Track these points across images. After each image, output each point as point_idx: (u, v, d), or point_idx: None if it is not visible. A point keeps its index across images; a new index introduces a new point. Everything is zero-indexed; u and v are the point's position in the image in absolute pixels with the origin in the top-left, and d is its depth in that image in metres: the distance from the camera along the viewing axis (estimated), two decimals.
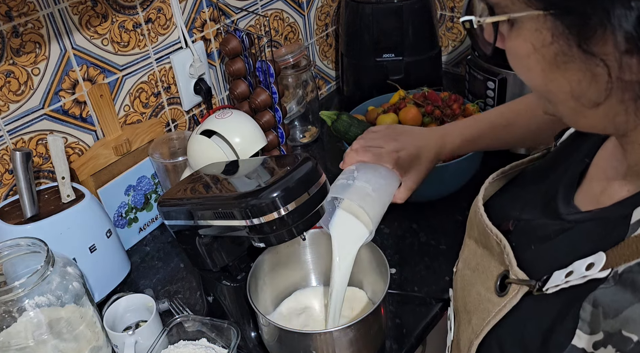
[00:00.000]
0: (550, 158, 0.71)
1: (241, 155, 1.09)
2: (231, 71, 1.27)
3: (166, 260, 1.22)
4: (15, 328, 0.87)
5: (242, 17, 1.39)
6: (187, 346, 0.95)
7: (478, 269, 0.67)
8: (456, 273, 0.75)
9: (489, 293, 0.63)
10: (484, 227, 0.66)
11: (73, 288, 0.91)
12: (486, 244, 0.66)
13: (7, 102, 1.03)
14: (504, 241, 0.62)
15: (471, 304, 0.66)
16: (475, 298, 0.65)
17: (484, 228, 0.66)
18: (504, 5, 0.50)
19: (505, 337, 0.60)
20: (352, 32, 1.51)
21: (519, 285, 0.58)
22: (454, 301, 0.74)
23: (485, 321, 0.62)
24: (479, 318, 0.63)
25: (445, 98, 1.35)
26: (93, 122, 1.17)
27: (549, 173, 0.67)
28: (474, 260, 0.69)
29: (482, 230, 0.66)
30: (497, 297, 0.61)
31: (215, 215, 0.84)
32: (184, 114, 1.35)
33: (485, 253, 0.67)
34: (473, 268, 0.68)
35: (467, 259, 0.71)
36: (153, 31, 1.22)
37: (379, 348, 0.96)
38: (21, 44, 1.02)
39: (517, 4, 0.48)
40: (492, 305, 0.61)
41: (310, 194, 0.81)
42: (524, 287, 0.58)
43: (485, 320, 0.62)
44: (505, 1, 0.49)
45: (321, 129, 1.55)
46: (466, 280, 0.69)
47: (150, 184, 1.26)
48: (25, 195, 0.98)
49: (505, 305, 0.59)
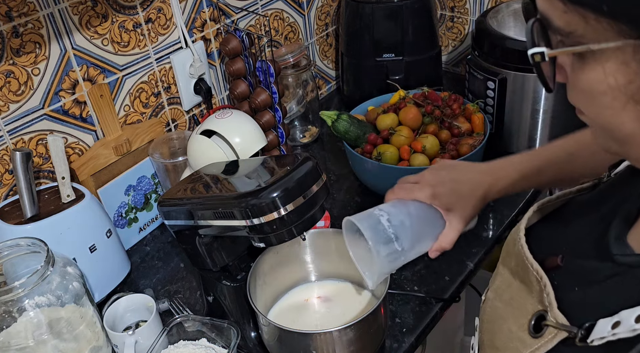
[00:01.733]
0: (603, 190, 0.64)
1: (241, 155, 1.09)
2: (231, 70, 1.27)
3: (166, 259, 1.22)
4: (15, 328, 0.87)
5: (242, 17, 1.39)
6: (187, 346, 0.95)
7: (512, 304, 0.62)
8: (485, 302, 0.70)
9: (521, 332, 0.57)
10: (523, 260, 0.60)
11: (73, 288, 0.91)
12: (524, 278, 0.60)
13: (7, 103, 1.03)
14: (545, 279, 0.56)
15: (500, 341, 0.61)
16: (505, 334, 0.60)
17: (523, 260, 0.60)
18: (580, 34, 0.42)
19: None
20: (352, 31, 1.51)
21: (556, 329, 0.53)
22: (480, 333, 0.69)
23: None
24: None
25: (445, 98, 1.35)
26: (93, 122, 1.17)
27: (602, 207, 0.60)
28: (507, 293, 0.63)
29: (522, 262, 0.60)
30: (531, 338, 0.56)
31: (215, 215, 0.84)
32: (184, 114, 1.35)
33: (521, 288, 0.61)
34: (506, 302, 0.63)
35: (500, 290, 0.65)
36: (153, 31, 1.22)
37: (379, 348, 0.96)
38: (21, 44, 1.02)
39: (600, 32, 0.41)
40: (524, 346, 0.56)
41: (310, 194, 0.81)
42: (563, 333, 0.52)
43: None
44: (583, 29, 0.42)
45: (321, 129, 1.55)
46: (497, 313, 0.64)
47: (150, 184, 1.26)
48: (25, 195, 0.98)
49: (539, 348, 0.54)
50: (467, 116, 1.32)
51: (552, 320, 0.54)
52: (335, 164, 1.43)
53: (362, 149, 1.27)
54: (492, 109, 1.35)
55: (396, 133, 1.27)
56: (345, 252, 0.96)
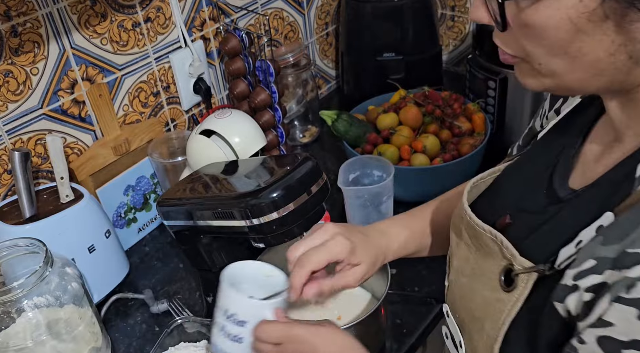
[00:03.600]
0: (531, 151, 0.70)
1: (241, 155, 1.08)
2: (231, 70, 1.27)
3: (165, 260, 1.21)
4: (14, 329, 0.87)
5: (242, 16, 1.39)
6: (188, 348, 0.94)
7: (476, 274, 0.64)
8: (449, 287, 0.72)
9: (495, 293, 0.60)
10: (474, 227, 0.64)
11: (72, 288, 0.91)
12: (480, 246, 0.63)
13: (5, 102, 1.03)
14: (500, 236, 0.60)
15: (479, 310, 0.63)
16: (481, 302, 0.63)
17: (474, 228, 0.64)
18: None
19: (524, 330, 0.57)
20: (353, 31, 1.50)
21: (526, 274, 0.56)
22: (455, 314, 0.70)
23: (500, 321, 0.59)
24: (492, 320, 0.60)
25: (446, 97, 1.35)
26: (92, 122, 1.17)
27: (540, 164, 0.65)
28: (468, 267, 0.66)
29: (473, 231, 0.64)
30: (507, 294, 0.58)
31: (215, 215, 0.84)
32: (183, 114, 1.35)
33: (479, 256, 0.64)
34: (470, 275, 0.65)
35: (460, 268, 0.68)
36: (152, 30, 1.21)
37: (379, 348, 0.95)
38: (20, 43, 1.01)
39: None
40: (503, 303, 0.59)
41: (310, 194, 0.80)
42: (533, 274, 0.56)
43: (500, 320, 0.59)
44: None
45: (321, 129, 1.54)
46: (466, 288, 0.66)
47: (149, 184, 1.25)
48: (24, 195, 0.98)
49: (518, 298, 0.57)
50: (467, 115, 1.31)
51: (519, 267, 0.57)
52: (335, 164, 1.43)
53: (362, 149, 1.27)
54: (492, 108, 1.35)
55: (396, 133, 1.26)
56: None
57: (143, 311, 1.10)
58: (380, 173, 1.13)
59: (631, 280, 0.45)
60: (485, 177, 0.72)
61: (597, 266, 0.49)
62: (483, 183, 0.72)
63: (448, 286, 0.72)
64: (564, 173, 0.61)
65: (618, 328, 0.46)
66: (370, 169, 1.14)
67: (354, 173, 1.14)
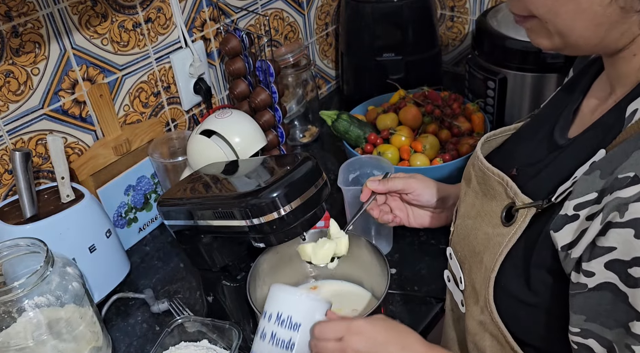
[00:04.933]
0: (539, 115, 0.76)
1: (241, 155, 1.09)
2: (231, 70, 1.27)
3: (166, 259, 1.22)
4: (15, 329, 0.87)
5: (242, 16, 1.39)
6: (188, 347, 0.95)
7: (481, 214, 0.69)
8: (454, 231, 0.77)
9: (497, 229, 0.65)
10: (484, 171, 0.69)
11: (72, 288, 0.91)
12: (487, 190, 0.69)
13: (6, 102, 1.03)
14: (506, 178, 0.66)
15: (480, 245, 0.68)
16: (482, 238, 0.67)
17: (484, 172, 0.69)
18: None
19: (518, 261, 0.62)
20: (352, 31, 1.51)
21: (526, 208, 0.61)
22: (457, 254, 0.75)
23: (498, 252, 0.64)
24: (491, 253, 0.65)
25: (446, 97, 1.35)
26: (93, 122, 1.17)
27: (542, 124, 0.72)
28: (474, 210, 0.71)
29: (482, 175, 0.70)
30: (506, 228, 0.63)
31: (215, 215, 0.84)
32: (184, 114, 1.35)
33: (486, 199, 0.69)
34: (474, 217, 0.71)
35: (466, 211, 0.73)
36: (153, 31, 1.22)
37: None
38: (21, 44, 1.02)
39: None
40: (502, 236, 0.64)
41: (310, 194, 0.81)
42: (532, 210, 0.61)
43: (497, 252, 0.64)
44: None
45: (321, 129, 1.55)
46: (469, 227, 0.71)
47: (149, 184, 1.26)
48: (25, 195, 0.98)
49: (516, 231, 0.62)
50: (467, 115, 1.31)
51: (520, 203, 0.63)
52: (335, 164, 1.43)
53: (362, 149, 1.27)
54: (492, 108, 1.35)
55: (396, 133, 1.27)
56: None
57: (144, 310, 1.10)
58: (380, 173, 1.13)
59: (624, 201, 0.49)
60: (498, 134, 0.79)
61: (598, 197, 0.52)
62: (494, 140, 0.79)
63: (453, 231, 0.77)
64: (565, 125, 0.67)
65: (620, 250, 0.50)
66: (370, 169, 1.15)
67: (354, 173, 1.14)
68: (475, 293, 0.69)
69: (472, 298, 0.71)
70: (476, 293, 0.69)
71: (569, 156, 0.62)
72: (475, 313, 0.70)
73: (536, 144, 0.70)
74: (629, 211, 0.48)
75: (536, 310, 0.62)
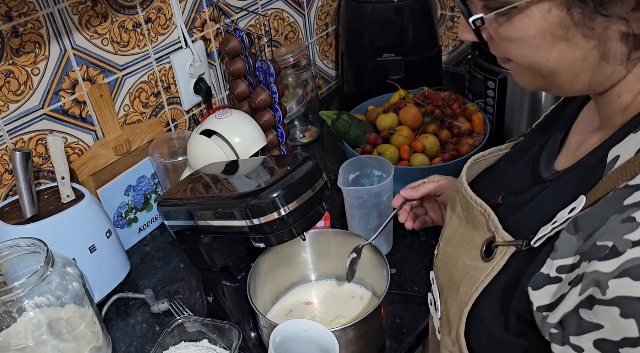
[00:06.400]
0: (528, 139, 0.75)
1: (241, 155, 1.09)
2: (231, 70, 1.27)
3: (166, 260, 1.22)
4: (15, 329, 0.87)
5: (242, 16, 1.39)
6: (188, 347, 0.95)
7: (462, 243, 0.68)
8: (437, 255, 0.76)
9: (475, 261, 0.63)
10: (467, 200, 0.68)
11: (73, 288, 0.91)
12: (470, 218, 0.67)
13: (6, 102, 1.03)
14: (489, 210, 0.64)
15: (458, 275, 0.67)
16: (461, 268, 0.66)
17: (467, 201, 0.68)
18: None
19: (495, 301, 0.60)
20: (352, 31, 1.51)
21: (505, 246, 0.60)
22: (438, 280, 0.74)
23: (473, 287, 0.62)
24: (467, 286, 0.64)
25: (446, 98, 1.35)
26: (93, 122, 1.17)
27: (530, 150, 0.70)
28: (456, 236, 0.70)
29: (466, 203, 0.68)
30: (484, 263, 0.62)
31: (215, 215, 0.84)
32: (184, 114, 1.35)
33: (468, 227, 0.68)
34: (457, 243, 0.69)
35: (450, 236, 0.72)
36: (153, 31, 1.22)
37: (379, 348, 0.96)
38: (21, 44, 1.02)
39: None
40: (480, 271, 0.62)
41: (310, 194, 0.81)
42: (511, 248, 0.59)
43: (473, 286, 0.62)
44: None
45: (321, 129, 1.55)
46: (450, 255, 0.70)
47: (150, 184, 1.26)
48: (25, 195, 0.98)
49: (493, 268, 0.60)
50: (467, 115, 1.32)
51: (500, 239, 0.61)
52: (335, 164, 1.43)
53: (362, 149, 1.27)
54: (492, 108, 1.35)
55: (396, 133, 1.27)
56: (345, 252, 0.96)
57: (144, 310, 1.10)
58: (380, 173, 1.13)
59: (604, 277, 0.46)
60: (487, 155, 0.77)
61: (578, 261, 0.50)
62: (484, 161, 0.77)
63: (436, 255, 0.76)
64: (550, 156, 0.66)
65: (608, 329, 0.47)
66: (370, 169, 1.15)
67: (353, 173, 1.14)
68: (449, 323, 0.68)
69: (445, 328, 0.69)
70: (449, 324, 0.67)
71: (552, 194, 0.60)
72: (448, 344, 0.68)
73: (522, 170, 0.69)
74: (610, 288, 0.46)
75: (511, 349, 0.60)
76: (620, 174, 0.51)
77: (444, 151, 1.25)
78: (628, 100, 0.57)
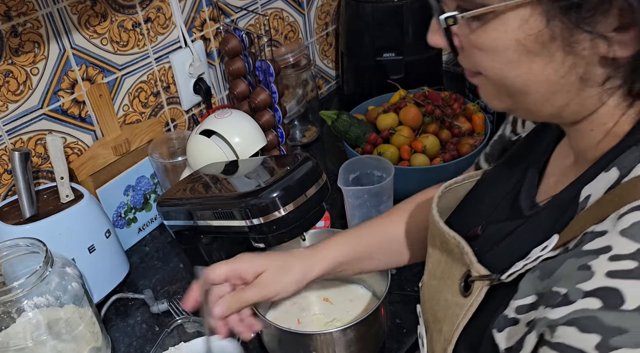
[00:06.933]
0: (507, 162, 0.71)
1: (241, 155, 1.08)
2: (231, 70, 1.27)
3: (165, 260, 1.21)
4: (14, 329, 0.87)
5: (242, 16, 1.39)
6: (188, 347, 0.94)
7: (444, 277, 0.66)
8: (422, 287, 0.73)
9: (455, 298, 0.62)
10: (442, 234, 0.65)
11: (72, 288, 0.91)
12: (448, 251, 0.65)
13: (5, 102, 1.03)
14: (462, 242, 0.61)
15: (440, 312, 0.65)
16: (443, 305, 0.64)
17: (443, 234, 0.65)
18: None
19: (476, 337, 0.58)
20: (352, 31, 1.50)
21: (481, 281, 0.58)
22: (424, 314, 0.72)
23: (454, 325, 0.60)
24: (449, 323, 0.62)
25: (446, 98, 1.35)
26: (92, 122, 1.17)
27: (511, 175, 0.67)
28: (438, 270, 0.67)
29: (441, 236, 0.65)
30: (463, 299, 0.60)
31: (215, 215, 0.84)
32: (184, 114, 1.35)
33: (448, 260, 0.65)
34: (439, 278, 0.67)
35: (432, 269, 0.70)
36: (152, 31, 1.21)
37: (379, 348, 0.95)
38: (20, 43, 1.01)
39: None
40: (460, 307, 0.60)
41: (310, 194, 0.80)
42: (487, 283, 0.57)
43: (454, 323, 0.60)
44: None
45: (321, 129, 1.54)
46: (433, 289, 0.68)
47: (149, 184, 1.25)
48: (24, 195, 0.98)
49: (472, 304, 0.59)
50: (467, 115, 1.31)
51: (475, 273, 0.59)
52: (335, 164, 1.43)
53: (362, 149, 1.27)
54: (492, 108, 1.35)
55: (396, 133, 1.26)
56: None
57: (143, 311, 1.10)
58: (380, 173, 1.13)
59: (553, 323, 0.45)
60: (460, 181, 0.72)
61: (536, 302, 0.49)
62: (460, 186, 0.72)
63: (421, 287, 0.74)
64: (531, 186, 0.63)
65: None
66: (370, 169, 1.14)
67: (354, 173, 1.14)
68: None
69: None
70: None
71: (529, 229, 0.58)
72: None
73: (503, 198, 0.66)
74: (557, 333, 0.45)
75: None
76: (590, 218, 0.49)
77: (445, 151, 1.25)
78: (600, 136, 0.54)
